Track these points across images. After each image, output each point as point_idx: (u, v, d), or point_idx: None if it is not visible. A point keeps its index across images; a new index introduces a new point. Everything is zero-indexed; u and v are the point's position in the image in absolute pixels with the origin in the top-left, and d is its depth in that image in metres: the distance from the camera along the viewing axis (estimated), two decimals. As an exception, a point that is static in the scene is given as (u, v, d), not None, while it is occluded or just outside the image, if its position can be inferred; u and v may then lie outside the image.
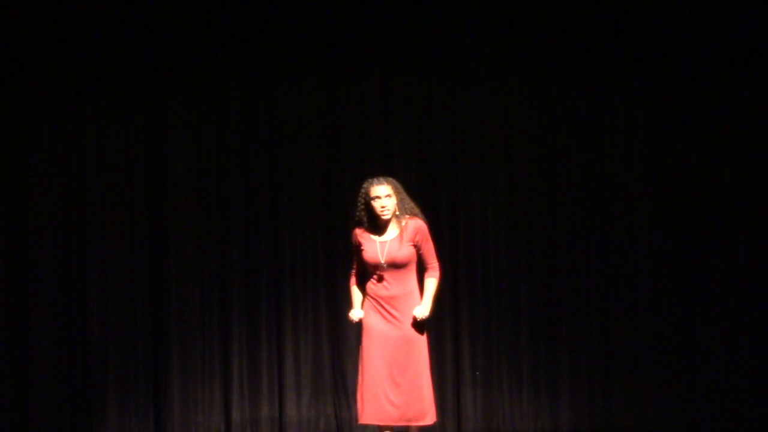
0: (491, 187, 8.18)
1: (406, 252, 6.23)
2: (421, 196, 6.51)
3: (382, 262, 6.22)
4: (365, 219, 6.30)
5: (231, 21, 8.02)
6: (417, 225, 6.28)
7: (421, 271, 6.33)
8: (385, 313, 6.21)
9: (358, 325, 6.38)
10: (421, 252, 6.29)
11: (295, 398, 8.02)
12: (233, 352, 7.99)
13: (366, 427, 7.72)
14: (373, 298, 6.26)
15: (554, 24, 8.15)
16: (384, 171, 6.56)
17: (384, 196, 6.23)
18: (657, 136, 8.18)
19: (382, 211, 6.23)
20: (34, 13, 7.81)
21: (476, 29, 8.14)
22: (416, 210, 6.34)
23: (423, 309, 6.22)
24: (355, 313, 6.32)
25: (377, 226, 6.29)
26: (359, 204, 6.32)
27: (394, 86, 8.16)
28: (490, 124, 8.19)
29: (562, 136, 8.19)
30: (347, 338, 8.01)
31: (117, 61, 7.90)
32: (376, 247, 6.25)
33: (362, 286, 6.36)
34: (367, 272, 6.32)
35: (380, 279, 6.24)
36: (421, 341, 6.23)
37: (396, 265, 6.22)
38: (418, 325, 6.21)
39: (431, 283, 6.31)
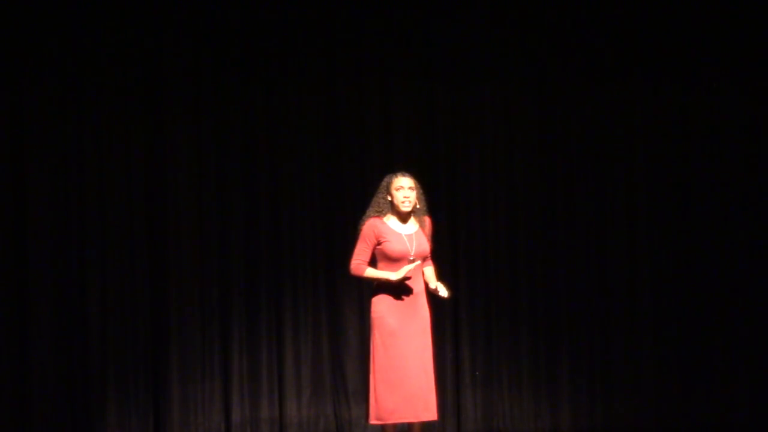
0: (491, 186, 8.18)
1: (428, 246, 6.34)
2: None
3: (412, 254, 6.23)
4: (387, 211, 6.31)
5: (231, 21, 8.01)
6: (429, 221, 6.42)
7: None
8: (404, 311, 6.20)
9: (365, 327, 6.37)
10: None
11: (295, 398, 8.02)
12: (233, 352, 7.98)
13: (366, 427, 7.75)
14: (391, 294, 6.22)
15: (554, 25, 8.14)
16: (384, 171, 6.55)
17: (407, 187, 6.28)
18: (658, 136, 8.19)
19: (403, 202, 6.26)
20: (34, 12, 7.81)
21: (476, 30, 8.14)
22: (426, 209, 6.43)
23: (443, 287, 6.29)
24: (405, 268, 6.14)
25: (399, 219, 6.30)
26: (380, 196, 6.33)
27: (394, 86, 8.16)
28: (490, 125, 8.19)
29: (563, 136, 8.19)
30: (347, 338, 8.02)
31: (117, 61, 7.89)
32: (402, 239, 6.26)
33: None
34: (380, 266, 6.28)
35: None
36: (431, 336, 6.29)
37: (423, 257, 6.29)
38: (430, 320, 6.27)
39: (432, 269, 6.44)
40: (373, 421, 6.24)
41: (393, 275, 6.18)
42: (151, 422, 7.88)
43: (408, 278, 6.20)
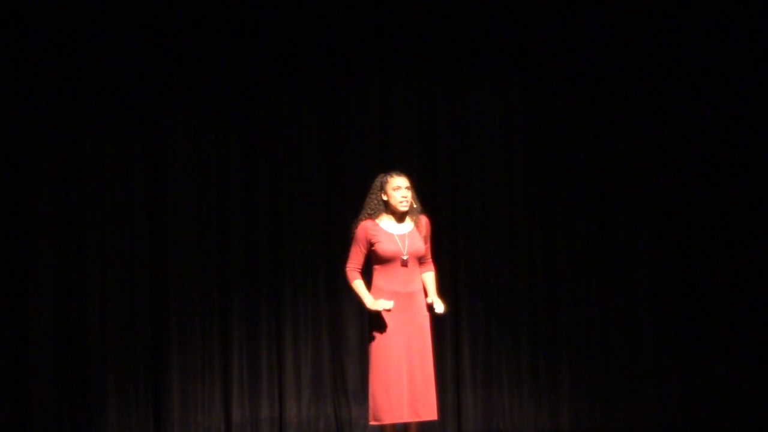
0: (491, 186, 8.17)
1: (423, 245, 6.28)
2: (421, 196, 6.49)
3: (405, 254, 6.22)
4: (381, 212, 6.29)
5: (231, 20, 8.01)
6: (426, 220, 6.36)
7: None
8: (401, 311, 6.17)
9: (362, 327, 6.36)
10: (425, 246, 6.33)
11: (295, 398, 8.02)
12: (233, 352, 7.98)
13: (366, 427, 7.75)
14: (387, 295, 6.20)
15: (554, 24, 8.14)
16: (384, 171, 6.53)
17: (404, 187, 6.26)
18: (657, 136, 8.18)
19: (401, 202, 6.24)
20: (33, 12, 7.80)
21: (476, 28, 8.14)
22: (420, 207, 6.39)
23: (440, 302, 6.24)
24: (383, 303, 6.10)
25: (393, 219, 6.29)
26: (374, 197, 6.30)
27: (394, 85, 8.16)
28: (490, 124, 8.19)
29: (562, 135, 8.19)
30: (347, 338, 8.01)
31: (117, 60, 7.89)
32: (395, 239, 6.24)
33: (367, 283, 6.30)
34: (375, 267, 6.27)
35: (396, 274, 6.20)
36: (430, 336, 6.26)
37: (417, 258, 6.24)
38: (429, 320, 6.24)
39: (433, 276, 6.38)
40: (372, 422, 6.23)
41: (370, 303, 6.16)
42: (151, 422, 7.88)
43: (388, 310, 6.12)
